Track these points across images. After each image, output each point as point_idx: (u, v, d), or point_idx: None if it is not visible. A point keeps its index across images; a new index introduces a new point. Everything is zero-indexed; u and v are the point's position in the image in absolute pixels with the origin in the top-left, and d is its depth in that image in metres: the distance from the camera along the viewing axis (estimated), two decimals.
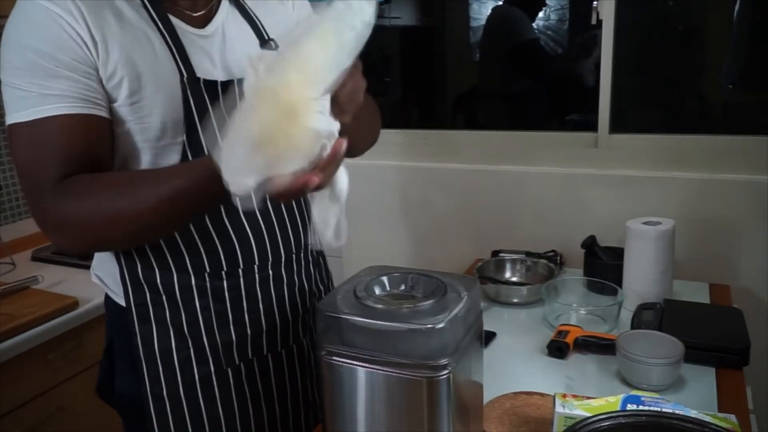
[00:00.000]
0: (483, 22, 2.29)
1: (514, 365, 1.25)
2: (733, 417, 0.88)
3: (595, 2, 1.82)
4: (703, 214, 1.72)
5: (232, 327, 1.04)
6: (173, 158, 0.94)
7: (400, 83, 2.51)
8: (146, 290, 1.01)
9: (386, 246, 2.11)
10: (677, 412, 0.85)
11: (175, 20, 0.96)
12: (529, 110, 2.33)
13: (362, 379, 0.79)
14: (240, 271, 1.03)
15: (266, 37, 1.05)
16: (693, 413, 0.85)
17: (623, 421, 0.83)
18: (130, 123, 0.91)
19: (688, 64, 1.98)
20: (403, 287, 0.86)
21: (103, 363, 1.12)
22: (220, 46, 1.00)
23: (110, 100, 0.90)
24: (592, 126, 1.91)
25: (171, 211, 0.85)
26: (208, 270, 1.01)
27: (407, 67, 2.49)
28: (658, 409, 0.87)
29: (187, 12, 0.98)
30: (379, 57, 2.47)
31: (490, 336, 1.36)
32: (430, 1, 2.45)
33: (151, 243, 0.98)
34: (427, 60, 2.45)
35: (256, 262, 1.04)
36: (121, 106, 0.90)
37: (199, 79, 0.94)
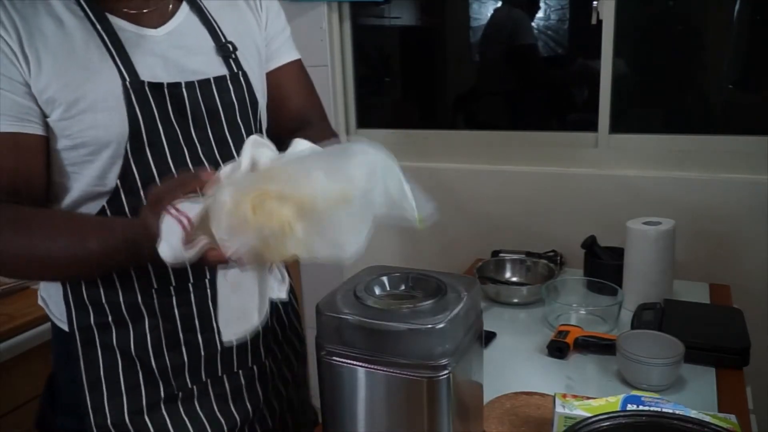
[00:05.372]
0: (483, 22, 2.29)
1: (514, 365, 1.25)
2: (733, 417, 0.88)
3: (595, 2, 1.82)
4: (703, 214, 1.72)
5: (183, 348, 0.98)
6: (115, 171, 0.89)
7: (400, 83, 2.51)
8: (90, 311, 0.95)
9: (386, 246, 2.10)
10: (677, 412, 0.85)
11: (120, 21, 0.91)
12: (529, 110, 2.33)
13: (362, 379, 0.79)
14: (190, 285, 0.96)
15: (223, 40, 0.99)
16: (693, 413, 0.85)
17: (623, 421, 0.83)
18: (67, 138, 0.86)
19: (688, 64, 1.98)
20: (403, 287, 0.86)
21: (44, 397, 1.04)
22: (176, 48, 0.94)
23: (44, 116, 0.85)
24: (592, 126, 1.91)
25: (105, 264, 0.85)
26: (155, 286, 0.95)
27: (407, 67, 2.48)
28: (658, 410, 0.87)
29: (134, 12, 0.93)
30: (379, 57, 2.47)
31: (490, 336, 1.36)
32: (430, 1, 2.44)
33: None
34: (427, 60, 2.45)
35: (207, 276, 0.97)
36: (57, 121, 0.85)
37: (143, 82, 0.89)
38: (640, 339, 1.18)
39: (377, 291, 0.84)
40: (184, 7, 0.99)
